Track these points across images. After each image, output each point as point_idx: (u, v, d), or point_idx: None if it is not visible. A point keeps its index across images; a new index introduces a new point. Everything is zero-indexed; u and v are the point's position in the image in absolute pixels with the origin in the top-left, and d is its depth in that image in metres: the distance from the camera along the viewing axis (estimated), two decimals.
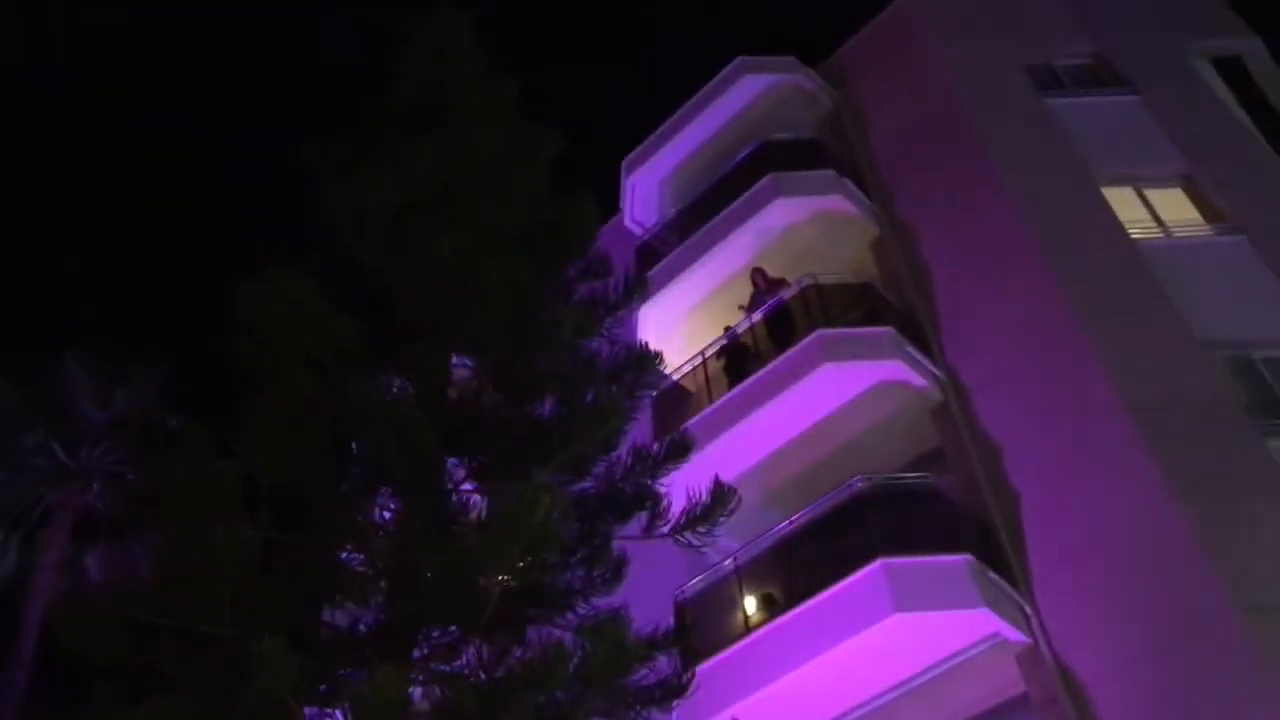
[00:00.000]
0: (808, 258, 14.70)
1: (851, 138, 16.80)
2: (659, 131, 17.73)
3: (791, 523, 11.86)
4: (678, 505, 8.04)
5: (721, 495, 8.00)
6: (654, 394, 9.85)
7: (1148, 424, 10.88)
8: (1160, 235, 13.52)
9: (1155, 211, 13.87)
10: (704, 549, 8.24)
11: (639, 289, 9.33)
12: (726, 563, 12.15)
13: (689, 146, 17.46)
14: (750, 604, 11.72)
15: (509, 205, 8.34)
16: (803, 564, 11.57)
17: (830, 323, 13.13)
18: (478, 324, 7.71)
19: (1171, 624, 9.70)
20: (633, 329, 14.06)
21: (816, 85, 17.47)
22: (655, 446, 8.37)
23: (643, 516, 8.09)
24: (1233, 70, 16.42)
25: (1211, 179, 14.08)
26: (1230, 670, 9.13)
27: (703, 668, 9.45)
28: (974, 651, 10.59)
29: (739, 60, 17.37)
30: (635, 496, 8.11)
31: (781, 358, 12.94)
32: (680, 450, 8.48)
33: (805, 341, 12.83)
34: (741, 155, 16.50)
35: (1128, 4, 17.21)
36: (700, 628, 10.55)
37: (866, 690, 10.88)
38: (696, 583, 12.24)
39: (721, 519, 8.02)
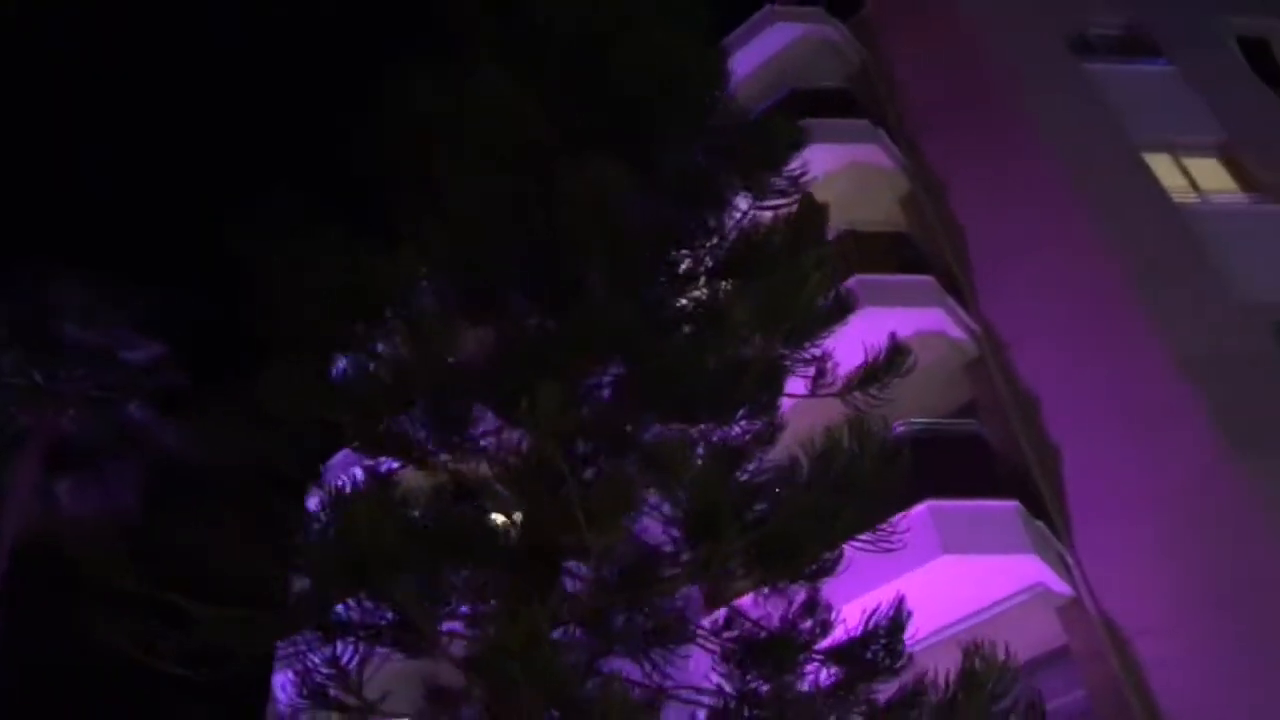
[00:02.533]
0: (839, 208, 14.27)
1: (880, 93, 16.49)
2: None
3: None
4: None
5: (898, 352, 7.71)
6: None
7: (1196, 380, 10.70)
8: (1198, 201, 13.41)
9: (1193, 178, 13.76)
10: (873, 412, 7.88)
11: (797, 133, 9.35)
12: None
13: None
14: None
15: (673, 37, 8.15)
16: None
17: (867, 271, 12.83)
18: (685, 105, 7.65)
19: (1221, 580, 9.57)
20: None
21: (844, 38, 17.14)
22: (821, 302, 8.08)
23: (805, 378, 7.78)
24: (1258, 49, 16.41)
25: (1249, 150, 13.99)
26: None
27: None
28: (1016, 600, 10.44)
29: (768, 8, 16.99)
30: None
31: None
32: (843, 309, 8.16)
33: (843, 285, 12.49)
34: (767, 104, 16.11)
35: None
36: None
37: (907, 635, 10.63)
38: None
39: (893, 380, 7.73)
